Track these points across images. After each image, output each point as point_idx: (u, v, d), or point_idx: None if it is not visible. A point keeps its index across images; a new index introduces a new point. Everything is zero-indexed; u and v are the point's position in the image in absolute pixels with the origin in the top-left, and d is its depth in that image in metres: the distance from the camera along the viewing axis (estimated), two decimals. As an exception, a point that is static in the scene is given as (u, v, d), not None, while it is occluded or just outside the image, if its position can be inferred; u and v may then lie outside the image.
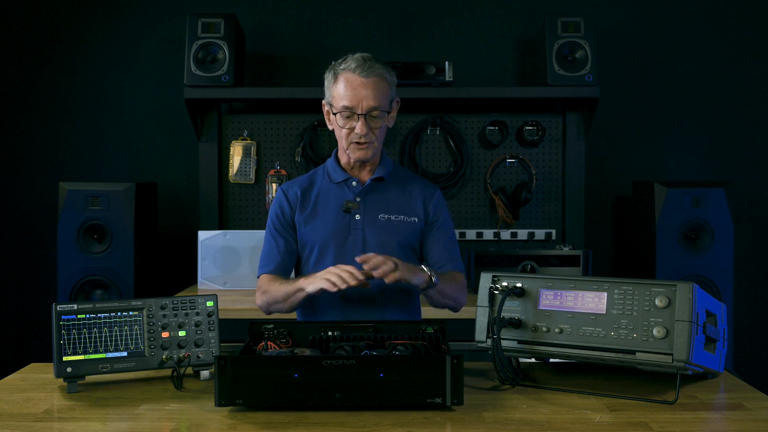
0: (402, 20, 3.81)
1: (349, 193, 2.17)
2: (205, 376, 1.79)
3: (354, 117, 2.07)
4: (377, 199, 2.17)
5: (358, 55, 2.10)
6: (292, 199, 2.21)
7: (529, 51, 3.78)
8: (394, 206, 2.18)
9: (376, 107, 2.06)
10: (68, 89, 3.80)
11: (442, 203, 2.24)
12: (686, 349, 1.54)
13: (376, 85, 2.06)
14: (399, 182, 2.22)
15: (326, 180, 2.22)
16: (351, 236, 2.14)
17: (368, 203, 2.17)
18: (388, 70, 2.11)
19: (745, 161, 3.80)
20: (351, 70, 2.06)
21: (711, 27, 3.80)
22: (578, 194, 3.68)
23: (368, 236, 2.14)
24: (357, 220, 2.15)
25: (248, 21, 3.74)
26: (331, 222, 2.15)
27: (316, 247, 2.16)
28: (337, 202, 2.17)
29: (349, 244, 2.14)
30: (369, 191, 2.18)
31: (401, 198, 2.19)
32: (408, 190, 2.21)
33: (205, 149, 3.67)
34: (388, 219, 2.15)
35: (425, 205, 2.20)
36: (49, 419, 1.53)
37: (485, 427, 1.46)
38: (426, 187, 2.25)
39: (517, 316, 1.72)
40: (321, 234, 2.15)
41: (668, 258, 3.26)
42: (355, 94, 2.05)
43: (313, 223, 2.17)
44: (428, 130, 3.71)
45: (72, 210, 3.23)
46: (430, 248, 2.20)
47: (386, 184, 2.20)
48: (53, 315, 1.70)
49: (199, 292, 3.28)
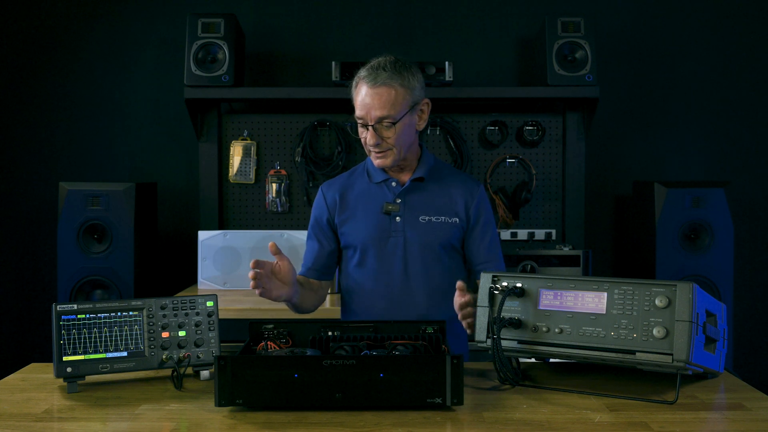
0: (402, 20, 3.81)
1: (389, 194, 2.15)
2: (205, 376, 1.79)
3: (366, 127, 2.05)
4: (417, 200, 2.15)
5: (376, 60, 2.06)
6: (330, 203, 2.20)
7: (529, 51, 3.78)
8: (435, 207, 2.15)
9: (384, 117, 2.02)
10: (68, 89, 3.80)
11: (484, 202, 2.20)
12: (686, 349, 1.54)
13: (383, 95, 2.01)
14: (439, 181, 2.19)
15: (366, 180, 2.20)
16: (392, 238, 2.13)
17: (408, 204, 2.14)
18: (405, 74, 2.04)
19: (745, 161, 3.80)
20: (362, 78, 2.04)
21: (711, 27, 3.80)
22: (578, 194, 3.67)
23: (409, 238, 2.13)
24: (398, 222, 2.13)
25: (248, 21, 3.74)
26: (371, 224, 2.14)
27: (358, 249, 2.16)
28: (377, 203, 2.15)
29: (390, 246, 2.13)
30: (409, 192, 2.15)
31: (442, 198, 2.16)
32: (449, 190, 2.18)
33: (205, 149, 3.67)
34: (429, 221, 2.14)
35: (467, 206, 2.17)
36: (49, 419, 1.53)
37: (485, 427, 1.46)
38: (467, 186, 2.20)
39: (517, 316, 1.72)
40: (362, 236, 2.15)
41: (668, 258, 3.26)
42: (363, 104, 2.03)
43: (353, 224, 2.16)
44: (428, 130, 3.71)
45: (72, 210, 3.23)
46: (471, 248, 2.19)
47: (426, 184, 2.17)
48: (53, 315, 1.70)
49: (199, 292, 3.28)
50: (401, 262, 2.13)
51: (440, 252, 2.14)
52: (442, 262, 2.15)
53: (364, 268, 2.17)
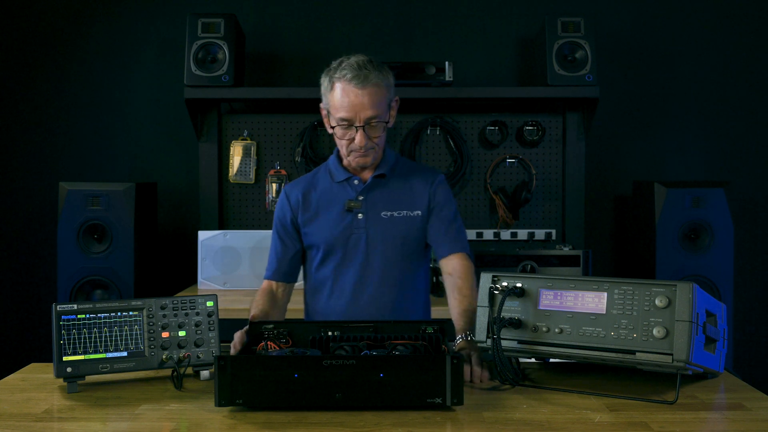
0: (402, 20, 3.81)
1: (352, 192, 2.17)
2: (205, 376, 1.79)
3: (352, 128, 2.04)
4: (379, 196, 2.16)
5: (353, 60, 2.05)
6: (293, 203, 2.21)
7: (529, 51, 3.78)
8: (397, 202, 2.16)
9: (374, 116, 2.03)
10: (68, 89, 3.80)
11: (442, 188, 2.20)
12: (686, 349, 1.54)
13: (373, 95, 2.01)
14: (401, 176, 2.20)
15: (328, 179, 2.21)
16: (354, 235, 2.14)
17: (370, 201, 2.16)
18: (385, 73, 2.06)
19: (745, 161, 3.80)
20: (347, 80, 2.01)
21: (711, 27, 3.80)
22: (578, 194, 3.67)
23: (371, 234, 2.14)
24: (360, 219, 2.15)
25: (248, 21, 3.74)
26: (334, 222, 2.15)
27: (321, 248, 2.17)
28: (339, 201, 2.17)
29: (352, 242, 2.14)
30: (371, 189, 2.17)
31: (404, 193, 2.18)
32: (410, 183, 2.19)
33: (205, 149, 3.67)
34: (391, 216, 2.15)
35: (429, 195, 2.18)
36: (49, 419, 1.53)
37: (485, 427, 1.46)
38: (428, 176, 2.21)
39: (517, 316, 1.72)
40: (325, 235, 2.16)
41: (668, 258, 3.26)
42: (352, 105, 2.01)
43: (316, 224, 2.17)
44: (428, 130, 3.71)
45: (72, 210, 3.23)
46: (431, 233, 2.18)
47: (388, 180, 2.18)
48: (53, 315, 1.70)
49: (199, 292, 3.28)
50: (364, 258, 2.14)
51: (402, 246, 2.15)
52: (405, 256, 2.17)
53: (326, 267, 2.18)
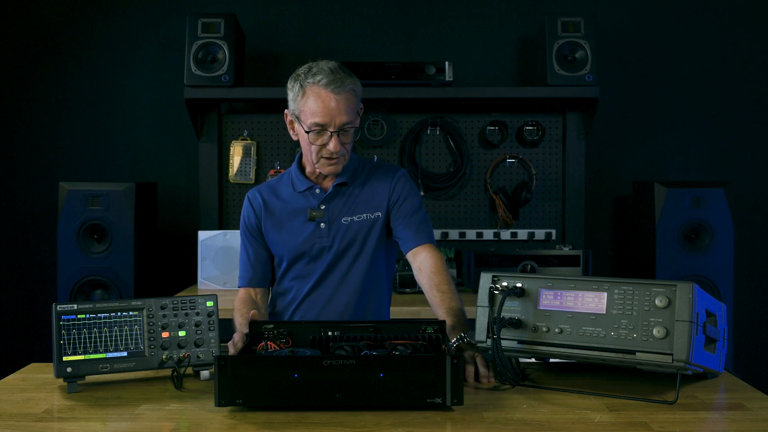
0: (402, 20, 3.81)
1: (314, 201, 2.17)
2: (205, 376, 1.79)
3: (326, 134, 2.03)
4: (341, 203, 2.16)
5: (325, 65, 2.04)
6: (257, 208, 2.21)
7: (529, 51, 3.78)
8: (358, 206, 2.16)
9: (348, 122, 2.02)
10: (68, 89, 3.80)
11: (402, 182, 2.19)
12: (686, 349, 1.54)
13: (348, 101, 2.01)
14: (362, 180, 2.19)
15: (290, 189, 2.21)
16: (317, 244, 2.15)
17: (332, 209, 2.16)
18: (355, 79, 2.06)
19: (745, 161, 3.80)
20: (322, 85, 1.99)
21: (711, 27, 3.80)
22: (578, 194, 3.68)
23: (335, 242, 2.15)
24: (322, 228, 2.15)
25: (248, 21, 3.74)
26: (297, 232, 2.16)
27: (285, 258, 2.19)
28: (302, 211, 2.17)
29: (316, 251, 2.16)
30: (332, 197, 2.16)
31: (364, 196, 2.17)
32: (371, 186, 2.18)
33: (205, 149, 3.67)
34: (351, 221, 2.15)
35: (389, 193, 2.17)
36: (49, 419, 1.53)
37: (485, 427, 1.46)
38: (387, 175, 2.20)
39: (517, 316, 1.72)
40: (289, 245, 2.17)
41: (668, 258, 3.26)
42: (327, 111, 2.00)
43: (279, 234, 2.18)
44: (428, 130, 3.71)
45: (72, 210, 3.23)
46: (395, 228, 2.17)
47: (348, 188, 2.18)
48: (53, 315, 1.70)
49: (199, 292, 3.28)
50: (327, 266, 2.16)
51: (366, 249, 2.15)
52: (367, 259, 2.16)
53: (290, 276, 2.20)
